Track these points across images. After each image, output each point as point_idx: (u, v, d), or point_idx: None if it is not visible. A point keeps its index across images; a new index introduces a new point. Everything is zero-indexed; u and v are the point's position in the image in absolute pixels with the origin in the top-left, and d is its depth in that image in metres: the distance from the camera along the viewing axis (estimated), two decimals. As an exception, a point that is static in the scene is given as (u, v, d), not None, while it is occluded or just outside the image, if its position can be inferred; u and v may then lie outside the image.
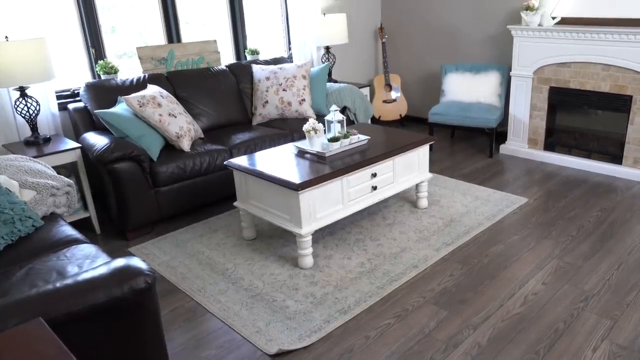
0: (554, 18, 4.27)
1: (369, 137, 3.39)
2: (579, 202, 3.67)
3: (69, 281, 1.59)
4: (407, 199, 3.81)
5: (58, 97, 3.78)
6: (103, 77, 3.92)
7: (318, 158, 3.09)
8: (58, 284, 1.57)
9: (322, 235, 3.31)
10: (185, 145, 3.54)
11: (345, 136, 3.21)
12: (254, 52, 4.86)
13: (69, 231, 2.46)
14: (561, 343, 2.25)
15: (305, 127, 3.13)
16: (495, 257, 2.98)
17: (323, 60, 5.14)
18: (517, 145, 4.72)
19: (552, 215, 3.48)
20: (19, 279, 2.03)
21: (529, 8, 4.31)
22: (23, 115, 3.36)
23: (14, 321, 1.41)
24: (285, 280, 2.82)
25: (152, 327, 1.73)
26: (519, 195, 3.81)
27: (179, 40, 4.42)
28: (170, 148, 3.58)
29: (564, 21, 4.27)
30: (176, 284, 2.85)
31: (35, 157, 3.13)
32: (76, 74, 3.97)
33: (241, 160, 3.13)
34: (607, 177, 4.09)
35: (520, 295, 2.61)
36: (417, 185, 3.56)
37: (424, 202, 3.63)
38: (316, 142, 3.14)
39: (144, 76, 3.92)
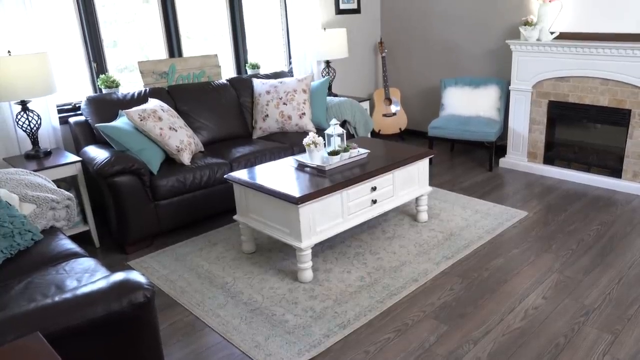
0: (552, 33, 4.31)
1: (369, 151, 3.40)
2: (579, 215, 3.67)
3: (67, 295, 1.58)
4: (407, 212, 3.81)
5: (59, 111, 3.80)
6: (104, 91, 3.94)
7: (318, 172, 3.09)
8: (57, 298, 1.57)
9: (321, 249, 3.30)
10: (186, 158, 3.55)
11: (345, 150, 3.23)
12: (255, 66, 4.89)
13: (68, 245, 2.46)
14: (562, 358, 2.23)
15: (306, 140, 3.15)
16: (496, 271, 2.98)
17: (323, 74, 5.18)
18: (516, 158, 4.73)
19: (552, 228, 3.48)
20: (18, 293, 2.03)
21: (527, 23, 4.35)
22: (24, 129, 3.38)
23: (12, 336, 1.40)
24: (285, 294, 2.81)
25: (151, 342, 1.72)
26: (519, 209, 3.81)
27: (180, 54, 4.45)
28: (170, 161, 3.58)
29: (562, 36, 4.31)
30: (175, 298, 2.84)
31: (35, 170, 3.14)
32: (77, 88, 3.99)
33: (241, 174, 3.13)
34: (607, 191, 4.10)
35: (520, 309, 2.60)
36: (416, 199, 3.57)
37: (423, 216, 3.63)
38: (316, 156, 3.15)
39: (145, 90, 3.95)
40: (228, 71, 4.88)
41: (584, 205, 3.85)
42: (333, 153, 3.14)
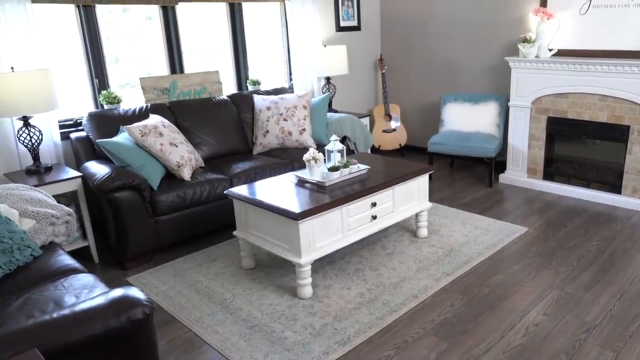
0: (550, 50, 4.34)
1: (369, 167, 3.41)
2: (579, 231, 3.66)
3: (66, 311, 1.58)
4: (406, 228, 3.81)
5: (61, 127, 3.82)
6: (106, 106, 3.96)
7: (318, 187, 3.10)
8: (55, 315, 1.56)
9: (321, 265, 3.29)
10: (186, 174, 3.56)
11: (345, 165, 3.23)
12: (256, 83, 4.92)
13: (67, 260, 2.46)
14: (563, 376, 2.21)
15: (306, 156, 3.16)
16: (496, 287, 2.96)
17: (323, 90, 5.21)
18: (516, 174, 4.74)
19: (552, 244, 3.47)
20: (16, 309, 2.02)
21: (526, 40, 4.39)
22: (25, 144, 3.39)
23: (10, 352, 1.40)
24: (284, 311, 2.80)
25: (149, 358, 1.71)
26: (519, 225, 3.80)
27: (181, 70, 4.49)
28: (170, 177, 3.59)
29: (561, 53, 4.35)
30: (174, 315, 2.83)
31: (36, 185, 3.14)
32: (79, 104, 4.01)
33: (241, 190, 3.14)
34: (607, 207, 4.09)
35: (521, 326, 2.58)
36: (416, 215, 3.56)
37: (423, 232, 3.62)
38: (316, 172, 3.15)
39: (147, 106, 3.97)
40: (229, 87, 4.92)
41: (584, 221, 3.85)
42: (333, 169, 3.15)
